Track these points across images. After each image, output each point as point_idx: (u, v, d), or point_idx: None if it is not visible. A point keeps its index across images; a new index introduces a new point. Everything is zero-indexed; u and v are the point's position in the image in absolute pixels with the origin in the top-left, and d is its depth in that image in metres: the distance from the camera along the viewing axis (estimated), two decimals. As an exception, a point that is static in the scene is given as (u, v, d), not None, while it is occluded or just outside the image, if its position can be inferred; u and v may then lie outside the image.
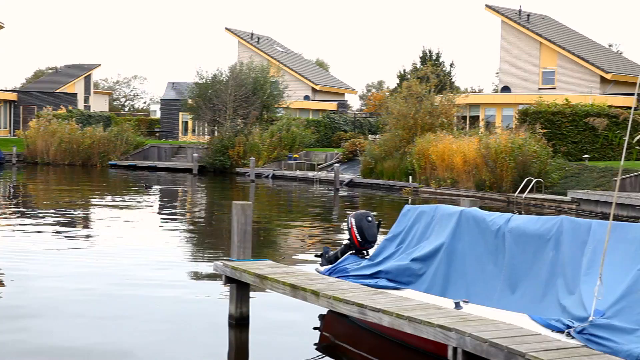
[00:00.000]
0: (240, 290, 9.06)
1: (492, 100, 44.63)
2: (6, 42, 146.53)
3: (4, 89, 69.31)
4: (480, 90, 78.63)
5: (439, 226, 8.88)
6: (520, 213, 18.34)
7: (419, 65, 53.33)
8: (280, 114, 50.00)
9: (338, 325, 9.32)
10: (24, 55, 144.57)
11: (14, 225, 18.18)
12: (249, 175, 38.18)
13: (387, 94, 60.54)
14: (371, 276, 8.92)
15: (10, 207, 23.19)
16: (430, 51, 56.57)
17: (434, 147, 30.99)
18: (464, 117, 41.79)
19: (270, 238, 17.58)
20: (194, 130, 57.56)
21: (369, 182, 34.27)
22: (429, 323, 6.64)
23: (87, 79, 78.04)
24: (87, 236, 16.84)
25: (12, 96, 59.04)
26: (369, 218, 9.76)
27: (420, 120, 34.02)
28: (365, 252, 9.85)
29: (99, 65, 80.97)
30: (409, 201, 26.94)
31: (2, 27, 65.33)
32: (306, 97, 61.11)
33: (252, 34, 64.34)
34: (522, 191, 26.31)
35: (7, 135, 56.74)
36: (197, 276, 12.56)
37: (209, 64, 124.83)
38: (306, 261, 13.73)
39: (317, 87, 62.21)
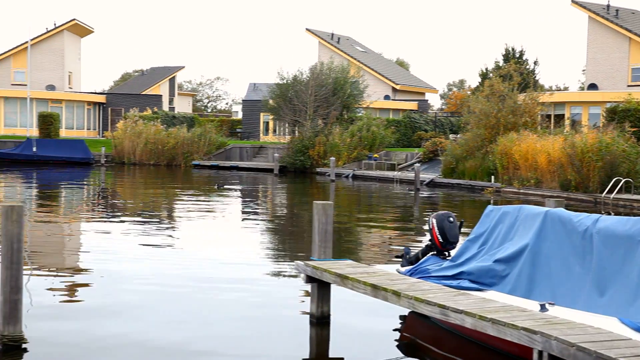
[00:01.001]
0: (321, 289, 9.09)
1: (578, 98, 43.45)
2: (96, 46, 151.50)
3: (93, 91, 71.68)
4: (566, 88, 76.57)
5: (523, 227, 8.69)
6: (608, 214, 17.79)
7: (501, 63, 52.36)
8: (360, 114, 49.95)
9: (419, 326, 9.24)
10: (112, 58, 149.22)
11: (102, 224, 18.77)
12: (329, 175, 38.29)
13: (469, 92, 59.75)
14: (453, 277, 8.81)
15: (99, 207, 23.94)
16: (513, 49, 55.46)
17: (517, 146, 30.38)
18: (549, 116, 40.83)
19: (350, 238, 17.58)
20: (274, 131, 58.14)
21: (450, 182, 33.87)
22: (513, 325, 6.50)
23: (172, 81, 79.89)
24: (172, 236, 17.21)
25: (101, 98, 60.97)
26: (451, 219, 9.64)
27: (502, 119, 33.42)
28: (446, 253, 9.74)
29: (183, 67, 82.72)
30: (491, 201, 26.48)
31: (92, 32, 67.61)
32: (386, 97, 60.89)
33: (332, 35, 64.54)
34: (610, 191, 25.50)
35: (96, 136, 58.64)
36: (278, 275, 12.67)
37: (290, 64, 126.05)
38: (386, 261, 13.68)
39: (398, 87, 61.90)
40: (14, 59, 62.40)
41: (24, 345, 7.65)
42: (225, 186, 31.62)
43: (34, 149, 45.53)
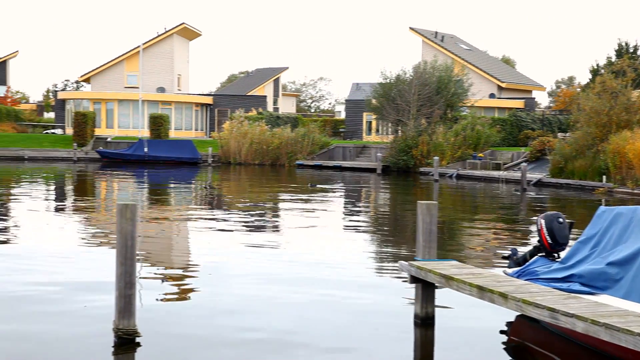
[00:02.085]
0: (426, 290, 9.01)
1: (697, 94, 41.25)
2: (203, 49, 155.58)
3: (201, 93, 73.65)
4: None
5: (638, 229, 8.33)
6: None
7: (613, 59, 50.43)
8: (464, 113, 49.25)
9: (527, 329, 9.02)
10: (219, 60, 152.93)
11: (209, 222, 19.25)
12: (432, 175, 37.91)
13: (579, 90, 57.80)
14: (563, 280, 8.54)
15: (207, 205, 24.58)
16: (627, 44, 53.34)
17: (630, 145, 29.20)
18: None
19: (455, 238, 17.35)
20: (377, 130, 58.08)
21: (559, 182, 32.88)
22: (628, 331, 6.24)
23: (276, 82, 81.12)
24: (276, 234, 17.46)
25: (208, 100, 62.57)
26: (560, 219, 9.36)
27: (615, 117, 32.21)
28: (555, 254, 9.46)
29: (287, 68, 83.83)
30: (603, 202, 25.53)
31: (200, 35, 69.49)
32: (491, 95, 59.74)
33: (436, 33, 63.87)
34: None
35: (203, 137, 60.23)
36: (381, 275, 12.64)
37: (393, 64, 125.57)
38: (492, 262, 13.42)
39: (503, 85, 60.62)
40: (127, 63, 64.95)
41: (137, 339, 7.94)
42: (319, 185, 31.82)
43: (145, 149, 47.23)
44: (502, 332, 9.01)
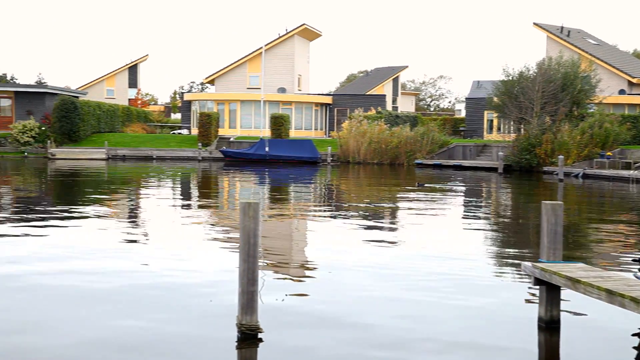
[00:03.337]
0: (550, 292, 8.74)
1: None
2: (323, 49, 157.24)
3: (320, 93, 74.45)
4: None
5: None
6: None
7: None
8: (591, 110, 47.40)
9: (660, 336, 8.57)
10: (338, 60, 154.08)
11: (328, 220, 19.42)
12: (556, 174, 36.72)
13: None
14: (700, 285, 8.06)
15: (326, 204, 24.81)
16: None
17: None
18: None
19: (581, 240, 16.72)
20: (499, 129, 56.84)
21: (695, 183, 31.09)
22: None
23: (395, 81, 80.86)
24: (395, 233, 17.39)
25: (328, 100, 63.14)
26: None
27: None
28: (693, 258, 8.95)
29: (407, 67, 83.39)
30: None
31: (320, 35, 70.23)
32: (621, 92, 57.17)
33: (561, 28, 61.79)
34: None
35: (323, 136, 60.84)
36: (503, 276, 12.35)
37: (516, 60, 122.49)
38: (621, 266, 12.84)
39: (634, 80, 57.85)
40: (249, 64, 66.51)
41: (260, 335, 8.11)
42: (426, 185, 31.44)
43: (267, 148, 48.22)
44: (634, 334, 8.59)
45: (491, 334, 8.63)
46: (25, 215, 18.87)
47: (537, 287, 8.84)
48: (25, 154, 50.16)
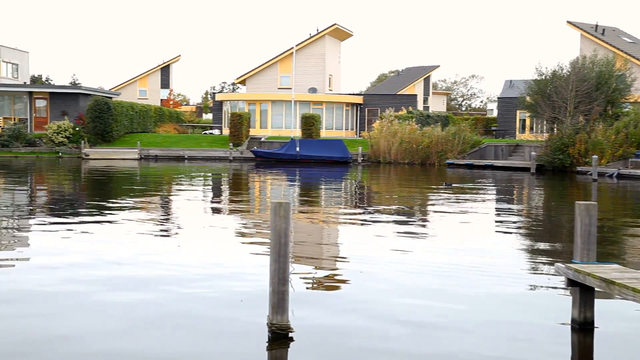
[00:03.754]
0: (584, 294, 8.63)
1: None
2: (354, 49, 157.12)
3: (351, 93, 74.39)
4: None
5: None
6: None
7: None
8: (627, 109, 46.74)
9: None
10: (369, 60, 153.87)
11: (359, 219, 19.40)
12: (590, 174, 36.28)
13: None
14: None
15: (357, 204, 24.78)
16: None
17: None
18: None
19: (616, 241, 16.48)
20: (531, 128, 56.34)
21: None
22: None
23: (427, 81, 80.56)
24: (425, 231, 17.31)
25: (358, 99, 63.07)
26: None
27: None
28: None
29: (438, 66, 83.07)
30: None
31: (351, 35, 70.20)
32: (657, 90, 56.30)
33: (596, 26, 61.03)
34: None
35: (353, 136, 60.79)
36: (535, 277, 12.22)
37: (549, 59, 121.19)
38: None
39: (671, 79, 56.95)
40: (280, 65, 66.69)
41: (290, 334, 8.12)
42: (454, 184, 31.24)
43: (297, 148, 48.29)
44: (668, 341, 8.46)
45: (523, 335, 8.54)
46: (61, 215, 19.12)
47: (570, 288, 8.73)
48: (60, 154, 50.82)
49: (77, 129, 52.81)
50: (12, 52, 63.26)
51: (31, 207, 21.28)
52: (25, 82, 64.86)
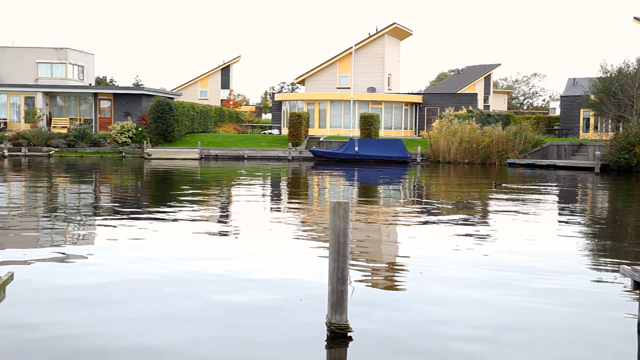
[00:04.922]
0: (651, 297, 8.40)
1: None
2: (414, 48, 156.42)
3: (410, 92, 73.97)
4: None
5: None
6: None
7: None
8: (695, 107, 45.33)
9: None
10: (429, 59, 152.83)
11: (418, 219, 19.28)
12: (658, 175, 35.27)
13: None
14: None
15: (415, 203, 24.63)
16: None
17: None
18: None
19: (684, 243, 15.99)
20: (596, 127, 55.12)
21: None
22: None
23: (487, 79, 79.55)
24: (486, 232, 17.09)
25: (418, 99, 62.68)
26: None
27: None
28: None
29: (499, 65, 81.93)
30: None
31: (411, 34, 69.83)
32: None
33: (662, 22, 59.31)
34: None
35: (412, 135, 60.44)
36: (600, 279, 11.95)
37: (614, 56, 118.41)
38: None
39: None
40: (339, 64, 66.74)
41: (349, 334, 8.13)
42: (504, 185, 30.73)
43: (356, 148, 48.25)
44: None
45: (588, 339, 8.37)
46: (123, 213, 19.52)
47: (637, 291, 8.51)
48: (123, 153, 51.90)
49: (140, 129, 53.84)
50: (78, 54, 64.85)
51: (96, 205, 21.80)
52: (90, 84, 66.42)
